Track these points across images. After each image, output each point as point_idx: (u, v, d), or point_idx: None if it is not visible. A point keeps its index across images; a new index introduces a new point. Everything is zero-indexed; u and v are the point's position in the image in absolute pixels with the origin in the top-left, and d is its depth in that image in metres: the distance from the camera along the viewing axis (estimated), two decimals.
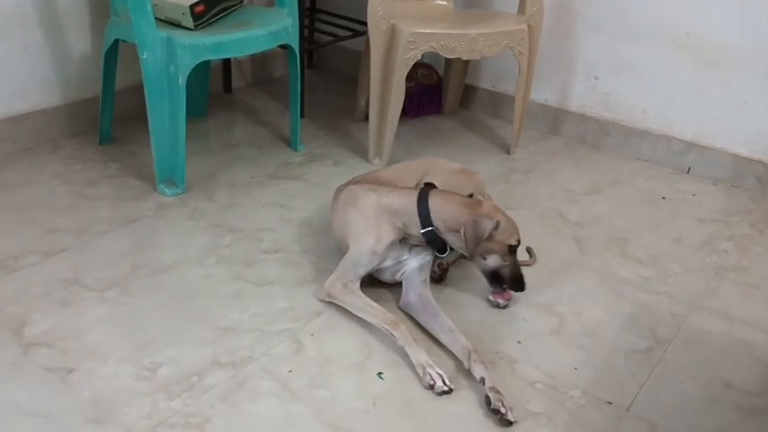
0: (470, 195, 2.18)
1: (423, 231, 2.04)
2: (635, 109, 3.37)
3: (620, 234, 2.72)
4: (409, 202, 2.07)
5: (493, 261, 2.07)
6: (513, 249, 2.07)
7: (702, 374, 2.01)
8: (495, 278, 2.10)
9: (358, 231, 2.09)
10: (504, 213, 2.08)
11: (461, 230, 2.00)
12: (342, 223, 2.19)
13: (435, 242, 2.07)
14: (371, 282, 2.20)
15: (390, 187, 2.15)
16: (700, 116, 3.21)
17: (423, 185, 2.18)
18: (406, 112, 3.61)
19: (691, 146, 3.25)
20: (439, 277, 2.32)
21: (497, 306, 2.19)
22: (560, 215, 2.83)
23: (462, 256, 2.32)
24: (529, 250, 2.49)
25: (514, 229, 2.09)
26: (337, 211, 2.25)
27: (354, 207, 2.14)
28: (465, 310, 2.20)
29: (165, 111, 2.60)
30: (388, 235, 2.05)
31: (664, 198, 3.05)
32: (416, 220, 2.06)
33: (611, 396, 1.89)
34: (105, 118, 3.03)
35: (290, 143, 3.21)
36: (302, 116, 3.50)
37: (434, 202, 2.06)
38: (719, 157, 3.19)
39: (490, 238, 2.01)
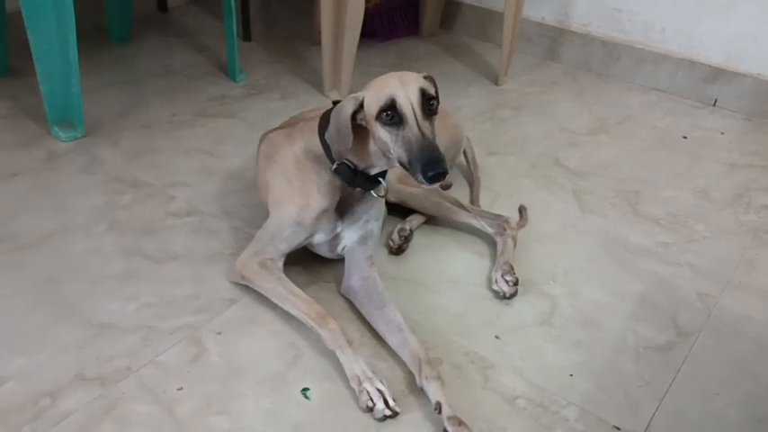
0: None
1: (333, 169, 1.48)
2: (651, 28, 2.79)
3: (630, 186, 2.17)
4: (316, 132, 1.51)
5: (394, 152, 1.38)
6: (389, 116, 1.35)
7: (742, 381, 1.51)
8: (408, 168, 1.38)
9: (278, 195, 1.55)
10: (385, 82, 1.39)
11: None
12: (263, 183, 1.65)
13: (355, 179, 1.49)
14: (310, 255, 1.68)
15: (303, 122, 1.59)
16: (730, 36, 2.65)
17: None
18: (375, 34, 3.04)
19: (718, 72, 2.69)
20: (398, 248, 1.79)
21: (503, 296, 1.67)
22: (556, 162, 2.28)
23: (420, 217, 1.81)
24: (521, 210, 1.96)
25: (384, 84, 1.38)
26: (259, 166, 1.70)
27: (273, 162, 1.59)
28: (428, 293, 1.68)
29: (51, 30, 2.01)
30: (318, 201, 1.50)
31: (685, 138, 2.49)
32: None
33: (618, 418, 1.39)
34: None
35: (228, 72, 2.63)
36: (248, 38, 2.92)
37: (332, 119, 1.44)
38: (753, 85, 2.63)
39: (363, 120, 1.40)
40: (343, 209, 1.55)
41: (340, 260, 1.67)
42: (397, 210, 1.86)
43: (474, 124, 2.44)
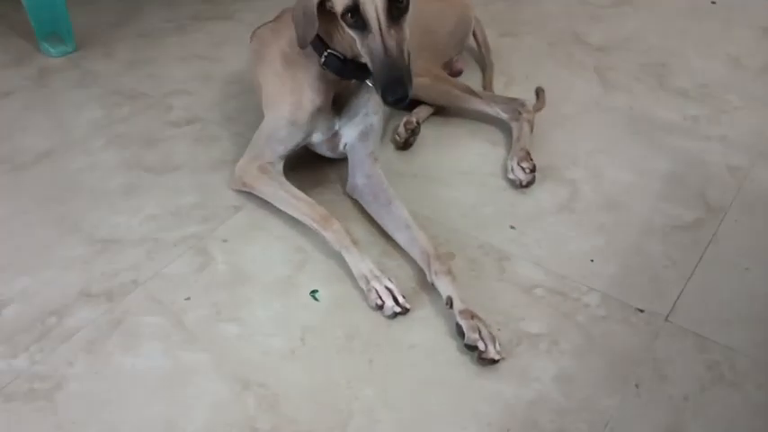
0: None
1: (322, 62, 1.37)
2: None
3: (657, 58, 2.03)
4: None
5: (362, 53, 1.28)
6: (353, 17, 1.24)
7: None
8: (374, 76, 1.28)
9: (271, 95, 1.47)
10: None
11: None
12: (256, 84, 1.56)
13: (346, 69, 1.38)
14: (313, 156, 1.61)
15: (288, 13, 1.48)
16: None
17: None
18: None
19: None
20: (405, 142, 1.70)
21: (520, 185, 1.58)
22: (577, 38, 2.13)
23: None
24: (537, 92, 1.84)
25: None
26: (251, 66, 1.61)
27: (262, 61, 1.50)
28: (439, 187, 1.61)
29: None
30: (311, 99, 1.41)
31: (714, 2, 2.30)
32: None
33: (642, 300, 1.33)
34: None
35: None
36: None
37: None
38: None
39: (332, 9, 1.28)
40: (339, 105, 1.46)
41: (344, 159, 1.59)
42: None
43: (486, 5, 2.28)
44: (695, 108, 1.83)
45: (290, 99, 1.42)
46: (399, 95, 1.21)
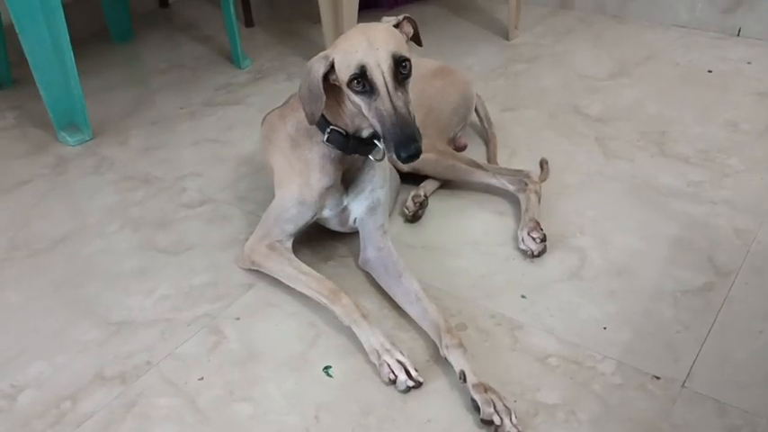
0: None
1: (325, 138, 1.40)
2: None
3: (656, 126, 2.07)
4: None
5: (369, 120, 1.31)
6: (359, 83, 1.27)
7: None
8: (383, 141, 1.32)
9: (280, 176, 1.51)
10: (353, 45, 1.29)
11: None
12: (267, 165, 1.61)
13: (348, 145, 1.42)
14: (325, 232, 1.64)
15: (294, 98, 1.53)
16: None
17: None
18: (378, 4, 2.96)
19: None
20: (413, 215, 1.73)
21: (532, 255, 1.60)
22: (576, 110, 2.19)
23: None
24: (541, 163, 1.88)
25: (352, 46, 1.28)
26: (262, 148, 1.66)
27: (272, 144, 1.55)
28: (448, 258, 1.62)
29: (44, 35, 2.00)
30: (318, 179, 1.46)
31: (710, 72, 2.37)
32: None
33: (658, 367, 1.32)
34: None
35: (233, 59, 2.58)
36: (250, 24, 2.88)
37: None
38: None
39: (336, 81, 1.32)
40: (347, 181, 1.49)
41: (355, 233, 1.61)
42: (412, 177, 1.80)
43: (486, 82, 2.36)
44: (698, 173, 1.85)
45: (298, 180, 1.46)
46: (412, 151, 1.24)
